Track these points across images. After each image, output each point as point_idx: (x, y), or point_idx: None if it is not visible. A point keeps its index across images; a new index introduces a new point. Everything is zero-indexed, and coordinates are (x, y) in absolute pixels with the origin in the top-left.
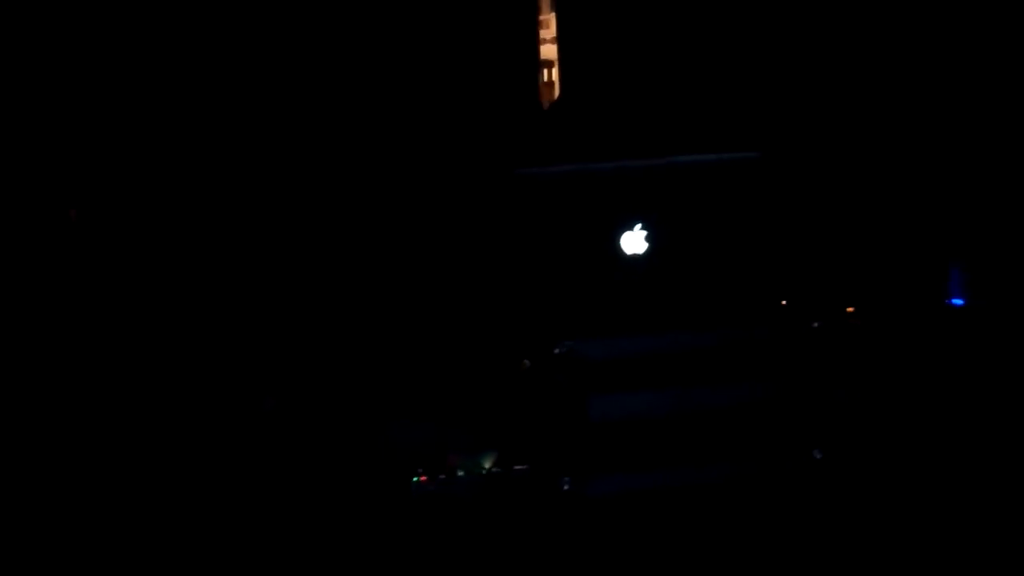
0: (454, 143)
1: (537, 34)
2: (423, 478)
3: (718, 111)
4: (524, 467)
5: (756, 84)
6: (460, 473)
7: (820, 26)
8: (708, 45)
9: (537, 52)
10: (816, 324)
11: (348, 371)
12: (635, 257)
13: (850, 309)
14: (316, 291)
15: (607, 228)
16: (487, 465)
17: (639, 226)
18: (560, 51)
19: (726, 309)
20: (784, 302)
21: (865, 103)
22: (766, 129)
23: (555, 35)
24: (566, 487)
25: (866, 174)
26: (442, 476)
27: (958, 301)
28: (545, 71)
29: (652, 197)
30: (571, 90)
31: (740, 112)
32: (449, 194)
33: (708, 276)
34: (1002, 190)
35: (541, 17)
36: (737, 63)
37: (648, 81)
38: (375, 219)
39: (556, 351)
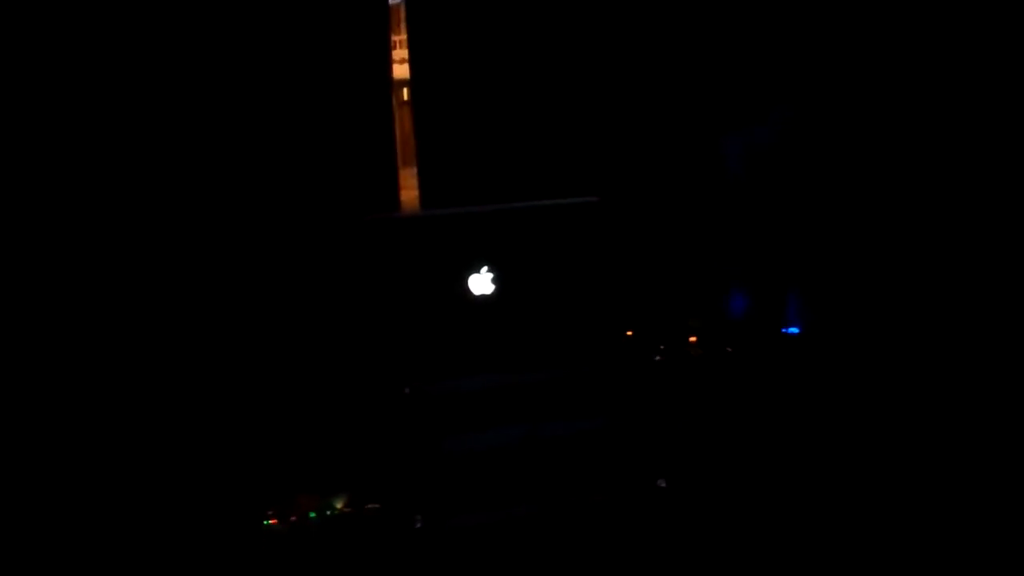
0: (306, 183)
1: (390, 56)
2: (273, 520)
3: (561, 156)
4: (376, 506)
5: (595, 130)
6: (311, 515)
7: (659, 73)
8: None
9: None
10: (658, 357)
11: (198, 413)
12: (483, 298)
13: (693, 339)
14: (162, 330)
15: (455, 271)
16: (339, 506)
17: (485, 268)
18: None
19: (572, 346)
20: (630, 332)
21: (695, 144)
22: (605, 173)
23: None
24: (418, 524)
25: (702, 213)
26: (293, 518)
27: (794, 330)
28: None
29: (499, 241)
30: (424, 114)
31: (582, 157)
32: (304, 237)
33: (554, 315)
34: (833, 225)
35: (394, 37)
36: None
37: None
38: (231, 259)
39: (406, 391)
